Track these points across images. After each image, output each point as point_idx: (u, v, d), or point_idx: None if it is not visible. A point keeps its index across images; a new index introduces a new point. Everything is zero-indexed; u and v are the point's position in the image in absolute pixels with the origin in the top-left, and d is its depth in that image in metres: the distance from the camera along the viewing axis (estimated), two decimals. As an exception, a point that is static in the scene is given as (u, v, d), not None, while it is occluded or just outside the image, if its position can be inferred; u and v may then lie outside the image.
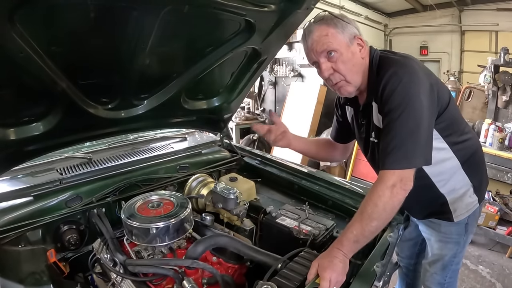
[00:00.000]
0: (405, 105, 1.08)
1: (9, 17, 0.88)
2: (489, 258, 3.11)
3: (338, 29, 1.17)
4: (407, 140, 1.07)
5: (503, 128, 3.60)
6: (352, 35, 1.20)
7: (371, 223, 1.05)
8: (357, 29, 1.22)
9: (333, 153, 1.73)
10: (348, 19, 1.22)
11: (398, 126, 1.09)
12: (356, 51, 1.21)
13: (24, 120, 1.31)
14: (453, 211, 1.37)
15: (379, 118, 1.21)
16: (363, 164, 4.42)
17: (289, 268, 1.07)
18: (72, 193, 1.48)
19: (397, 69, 1.13)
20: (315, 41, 1.19)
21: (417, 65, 1.17)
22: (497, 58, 3.82)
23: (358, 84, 1.25)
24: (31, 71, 1.09)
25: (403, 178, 1.06)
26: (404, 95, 1.09)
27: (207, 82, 1.77)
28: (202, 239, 1.27)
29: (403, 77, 1.11)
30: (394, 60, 1.18)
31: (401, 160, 1.07)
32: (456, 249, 1.45)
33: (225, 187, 1.50)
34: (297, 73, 5.27)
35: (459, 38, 7.62)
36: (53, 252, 1.30)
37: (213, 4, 1.19)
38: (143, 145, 2.06)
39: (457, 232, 1.42)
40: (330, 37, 1.17)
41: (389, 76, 1.13)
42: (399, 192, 1.05)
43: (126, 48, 1.24)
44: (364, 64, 1.24)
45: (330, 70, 1.21)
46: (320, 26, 1.19)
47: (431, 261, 1.53)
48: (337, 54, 1.18)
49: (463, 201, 1.37)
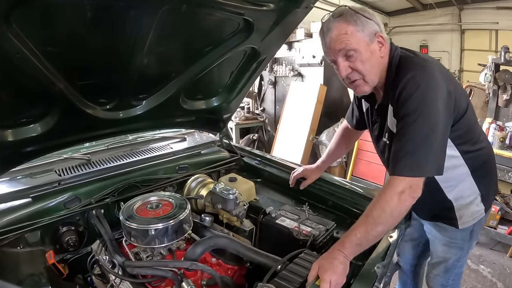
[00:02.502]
0: (420, 111, 1.06)
1: (5, 18, 0.88)
2: (490, 258, 3.10)
3: (358, 27, 1.12)
4: (420, 147, 1.05)
5: (504, 127, 3.58)
6: (372, 32, 1.15)
7: (376, 227, 1.04)
8: (379, 25, 1.16)
9: (351, 142, 1.87)
10: (370, 13, 1.16)
11: (412, 131, 1.06)
12: (375, 50, 1.17)
13: (22, 122, 1.30)
14: (458, 218, 1.36)
15: (393, 122, 1.19)
16: (363, 163, 4.41)
17: (288, 269, 1.06)
18: (71, 194, 1.47)
19: (416, 73, 1.10)
20: (333, 39, 1.14)
21: (438, 70, 1.14)
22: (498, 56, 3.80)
23: (375, 83, 1.23)
24: (28, 72, 1.09)
25: (413, 186, 1.05)
26: (421, 101, 1.06)
27: (206, 82, 1.76)
28: (201, 240, 1.26)
29: (421, 82, 1.08)
30: (414, 63, 1.15)
31: (413, 167, 1.05)
32: (460, 254, 1.45)
33: (224, 188, 1.49)
34: (297, 73, 5.25)
35: (459, 37, 7.61)
36: (52, 254, 1.30)
37: (211, 3, 1.19)
38: (142, 145, 2.05)
39: (462, 237, 1.42)
40: (349, 35, 1.12)
41: (406, 80, 1.10)
42: (407, 199, 1.04)
43: (124, 48, 1.23)
44: (382, 63, 1.20)
45: (348, 70, 1.18)
46: (340, 23, 1.13)
47: (434, 262, 1.53)
48: (355, 53, 1.14)
49: (470, 209, 1.35)
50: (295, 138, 4.92)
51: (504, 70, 3.78)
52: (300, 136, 4.86)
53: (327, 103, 4.84)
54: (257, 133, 5.83)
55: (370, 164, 4.31)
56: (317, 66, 4.85)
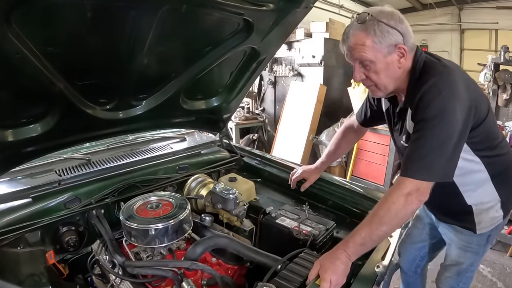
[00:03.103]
0: (440, 118, 1.06)
1: (5, 18, 0.88)
2: (490, 257, 3.10)
3: (377, 38, 1.11)
4: (433, 152, 1.06)
5: (504, 126, 3.58)
6: (392, 44, 1.13)
7: (381, 227, 1.04)
8: (404, 35, 1.13)
9: (352, 143, 1.87)
10: (397, 20, 1.12)
11: (428, 136, 1.07)
12: (393, 61, 1.16)
13: (22, 122, 1.30)
14: (477, 223, 1.36)
15: (411, 125, 1.20)
16: (364, 163, 4.41)
17: (289, 269, 1.06)
18: (71, 194, 1.47)
19: (439, 80, 1.10)
20: (351, 48, 1.17)
21: (460, 78, 1.13)
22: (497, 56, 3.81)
23: (389, 91, 1.24)
24: (28, 72, 1.09)
25: (420, 189, 1.05)
26: (441, 108, 1.06)
27: (206, 82, 1.76)
28: (201, 240, 1.26)
29: (443, 90, 1.08)
30: (438, 70, 1.14)
31: (422, 171, 1.05)
32: (474, 258, 1.45)
33: (224, 188, 1.49)
34: (297, 73, 5.26)
35: (459, 36, 7.62)
36: (52, 254, 1.30)
37: (211, 4, 1.19)
38: (142, 145, 2.05)
39: (478, 242, 1.41)
40: (366, 47, 1.13)
41: (429, 86, 1.10)
42: (414, 202, 1.05)
43: (124, 48, 1.23)
44: (401, 72, 1.20)
45: (363, 76, 1.21)
46: (359, 33, 1.13)
47: (448, 265, 1.53)
48: (371, 64, 1.16)
49: (489, 214, 1.35)
50: (295, 138, 4.93)
51: (504, 69, 3.79)
52: (300, 136, 4.86)
53: (327, 103, 4.84)
54: (257, 133, 5.83)
55: (370, 164, 4.31)
56: (316, 66, 4.85)
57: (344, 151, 1.90)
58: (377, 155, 4.19)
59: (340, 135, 1.79)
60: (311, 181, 1.75)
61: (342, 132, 1.79)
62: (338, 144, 1.80)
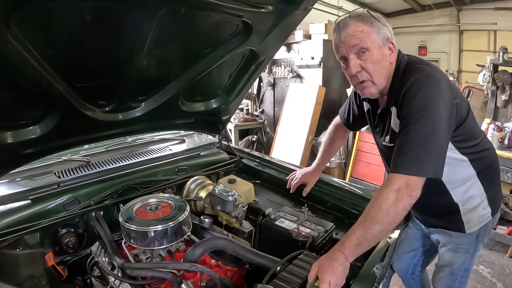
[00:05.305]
0: (423, 111, 1.07)
1: (5, 20, 0.88)
2: (490, 258, 3.11)
3: (374, 29, 1.17)
4: (419, 146, 1.06)
5: (503, 127, 3.58)
6: (385, 37, 1.19)
7: (373, 226, 1.03)
8: (391, 33, 1.22)
9: (345, 134, 1.87)
10: (384, 21, 1.21)
11: (413, 130, 1.08)
12: (386, 54, 1.21)
13: (21, 124, 1.30)
14: (465, 222, 1.36)
15: (396, 123, 1.20)
16: (363, 164, 4.42)
17: (288, 271, 1.06)
18: (70, 196, 1.47)
19: (421, 76, 1.13)
20: (349, 34, 1.17)
21: (442, 77, 1.17)
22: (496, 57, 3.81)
23: (382, 87, 1.25)
24: (28, 74, 1.09)
25: (410, 184, 1.04)
26: (424, 102, 1.08)
27: (205, 84, 1.77)
28: (200, 242, 1.26)
29: (426, 85, 1.11)
30: (420, 68, 1.18)
31: (410, 165, 1.05)
32: (466, 257, 1.45)
33: (223, 189, 1.50)
34: (296, 74, 5.26)
35: (458, 37, 7.63)
36: (51, 256, 1.30)
37: (210, 6, 1.19)
38: (141, 147, 2.05)
39: (468, 242, 1.42)
40: (365, 34, 1.16)
41: (411, 83, 1.12)
42: (404, 197, 1.04)
43: (123, 50, 1.24)
44: (390, 69, 1.24)
45: (358, 68, 1.20)
46: (357, 22, 1.17)
47: (441, 265, 1.53)
48: (368, 53, 1.17)
49: (476, 212, 1.36)
50: (294, 139, 4.93)
51: (503, 70, 3.78)
52: (299, 137, 4.86)
53: (326, 104, 4.84)
54: (256, 135, 5.83)
55: (369, 165, 4.32)
56: (316, 67, 4.86)
57: (338, 148, 1.92)
58: (376, 156, 4.13)
59: (331, 133, 1.81)
60: (312, 184, 1.76)
61: (333, 129, 1.80)
62: (331, 142, 1.81)
